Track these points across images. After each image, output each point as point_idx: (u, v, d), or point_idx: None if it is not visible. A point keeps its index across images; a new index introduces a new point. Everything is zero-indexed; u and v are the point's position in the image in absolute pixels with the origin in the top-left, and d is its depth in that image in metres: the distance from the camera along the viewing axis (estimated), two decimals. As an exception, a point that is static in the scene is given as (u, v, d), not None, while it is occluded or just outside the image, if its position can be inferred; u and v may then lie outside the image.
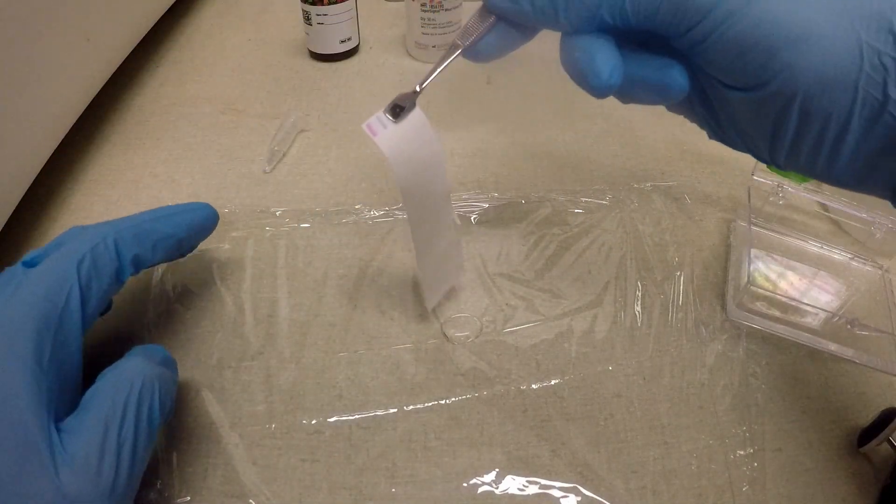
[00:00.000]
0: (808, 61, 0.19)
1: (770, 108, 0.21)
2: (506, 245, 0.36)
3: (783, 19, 0.19)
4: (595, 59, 0.21)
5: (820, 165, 0.21)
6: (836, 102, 0.19)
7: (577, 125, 0.45)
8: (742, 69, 0.20)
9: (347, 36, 0.50)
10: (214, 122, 0.45)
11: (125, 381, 0.23)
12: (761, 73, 0.20)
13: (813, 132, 0.20)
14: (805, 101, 0.19)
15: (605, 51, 0.22)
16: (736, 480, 0.27)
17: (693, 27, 0.20)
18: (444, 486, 0.26)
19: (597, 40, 0.22)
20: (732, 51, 0.20)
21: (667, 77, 0.22)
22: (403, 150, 0.24)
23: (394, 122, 0.24)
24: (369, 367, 0.30)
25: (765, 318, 0.33)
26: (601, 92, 0.22)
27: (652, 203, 0.39)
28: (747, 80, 0.20)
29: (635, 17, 0.21)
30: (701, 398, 0.30)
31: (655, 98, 0.23)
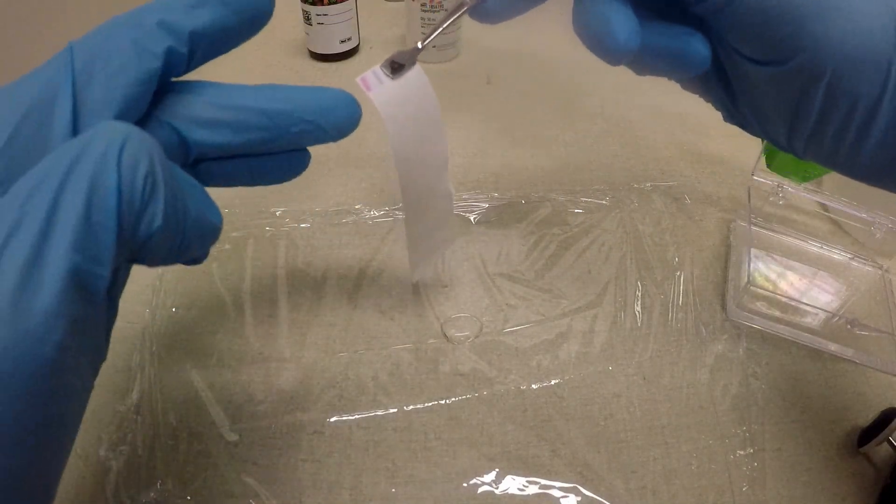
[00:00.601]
0: (839, 36, 0.17)
1: (793, 87, 0.19)
2: (506, 245, 0.36)
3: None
4: (611, 20, 0.20)
5: (842, 154, 0.20)
6: (867, 83, 0.17)
7: (577, 125, 0.45)
8: (766, 40, 0.18)
9: (347, 36, 0.50)
10: (214, 122, 0.45)
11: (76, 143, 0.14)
12: (786, 46, 0.18)
13: (838, 116, 0.19)
14: (832, 80, 0.18)
15: (622, 13, 0.20)
16: (736, 480, 0.27)
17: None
18: (444, 486, 0.26)
19: (612, 2, 0.20)
20: (757, 18, 0.18)
21: (688, 46, 0.21)
22: (400, 109, 0.23)
23: (391, 78, 0.22)
24: (369, 367, 0.30)
25: (765, 318, 0.33)
26: (617, 56, 0.20)
27: (652, 203, 0.39)
28: (771, 53, 0.19)
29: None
30: (701, 398, 0.30)
31: (674, 68, 0.22)
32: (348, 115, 0.22)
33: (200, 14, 0.18)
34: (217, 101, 0.19)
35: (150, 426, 0.28)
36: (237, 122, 0.19)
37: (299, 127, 0.21)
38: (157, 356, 0.30)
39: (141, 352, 0.30)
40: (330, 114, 0.22)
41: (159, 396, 0.29)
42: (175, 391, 0.29)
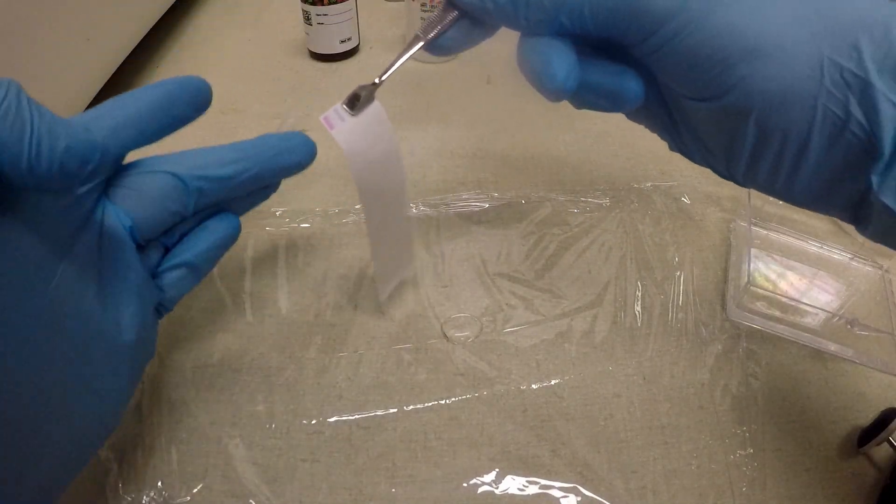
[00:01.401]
0: (764, 75, 0.18)
1: (727, 122, 0.20)
2: (506, 245, 0.36)
3: (740, 31, 0.18)
4: (551, 61, 0.21)
5: (779, 184, 0.21)
6: (795, 119, 0.19)
7: (577, 125, 0.45)
8: (697, 80, 0.20)
9: (347, 36, 0.50)
10: (214, 122, 0.45)
11: None
12: (716, 85, 0.19)
13: (771, 149, 0.20)
14: (761, 117, 0.19)
15: (562, 54, 0.21)
16: (736, 480, 0.27)
17: (649, 36, 0.20)
18: (444, 486, 0.26)
19: (554, 43, 0.22)
20: (688, 61, 0.19)
21: (622, 84, 0.22)
22: (360, 144, 0.24)
23: (351, 114, 0.24)
24: (369, 367, 0.30)
25: (765, 318, 0.33)
26: (556, 95, 0.22)
27: (652, 203, 0.39)
28: (703, 92, 0.20)
29: (594, 23, 0.21)
30: (701, 398, 0.30)
31: (610, 105, 0.23)
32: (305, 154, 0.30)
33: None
34: (200, 151, 0.28)
35: (150, 426, 0.28)
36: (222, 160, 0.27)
37: (266, 160, 0.27)
38: (157, 356, 0.30)
39: (141, 352, 0.30)
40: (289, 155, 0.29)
41: (159, 396, 0.29)
42: (175, 391, 0.29)
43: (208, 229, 0.26)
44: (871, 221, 0.20)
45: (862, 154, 0.18)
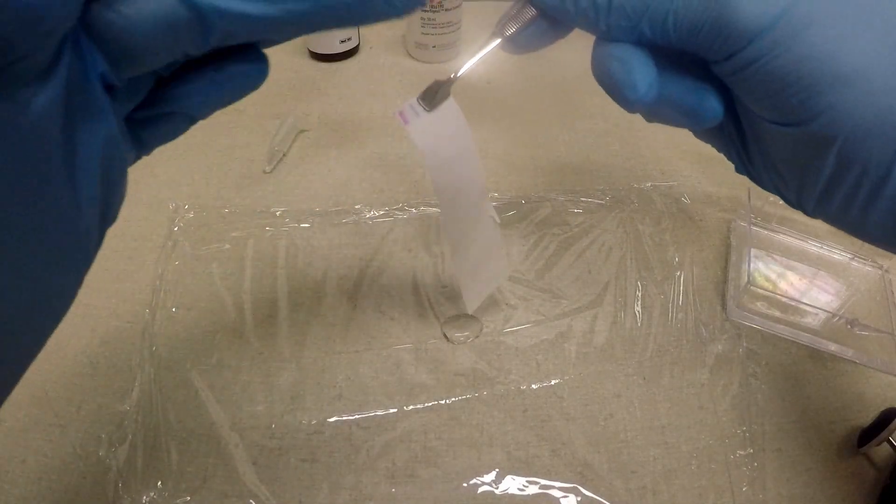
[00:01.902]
0: (853, 104, 0.18)
1: (806, 149, 0.19)
2: (506, 245, 0.36)
3: (831, 56, 0.17)
4: (633, 70, 0.20)
5: (852, 216, 0.20)
6: (879, 150, 0.18)
7: (577, 125, 0.45)
8: (781, 104, 0.19)
9: (347, 36, 0.50)
10: (214, 122, 0.45)
11: None
12: (801, 111, 0.19)
13: (849, 180, 0.19)
14: (844, 146, 0.18)
15: (644, 64, 0.21)
16: (736, 480, 0.27)
17: (735, 53, 0.19)
18: (444, 486, 0.26)
19: (635, 51, 0.21)
20: (774, 84, 0.19)
21: (702, 101, 0.21)
22: (436, 141, 0.23)
23: (427, 110, 0.23)
24: (369, 367, 0.30)
25: (765, 318, 0.33)
26: (634, 106, 0.21)
27: (652, 203, 0.39)
28: (786, 116, 0.19)
29: (676, 35, 0.20)
30: (701, 398, 0.30)
31: (686, 121, 0.22)
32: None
33: None
34: None
35: (150, 426, 0.28)
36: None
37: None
38: (157, 356, 0.30)
39: (141, 352, 0.30)
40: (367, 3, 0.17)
41: (159, 396, 0.29)
42: (175, 391, 0.29)
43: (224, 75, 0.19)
44: None
45: None
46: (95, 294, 0.33)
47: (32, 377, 0.29)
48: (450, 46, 0.52)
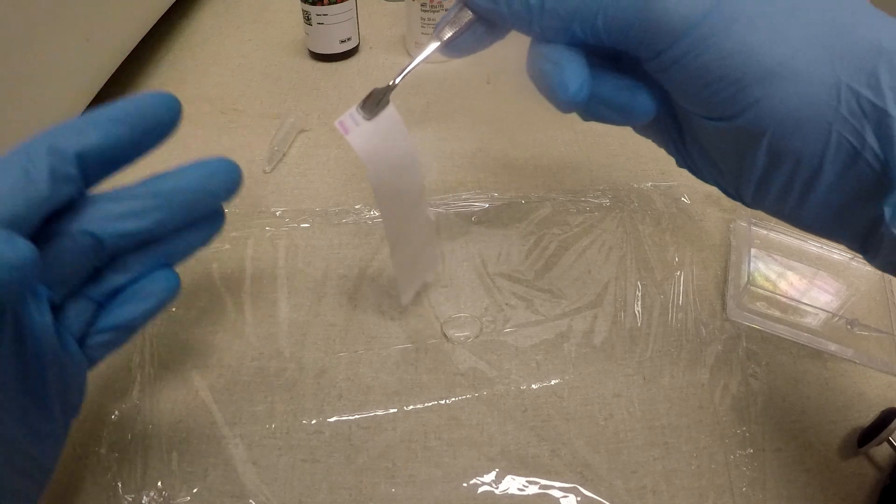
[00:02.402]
0: (779, 99, 0.18)
1: (738, 143, 0.20)
2: (506, 245, 0.36)
3: (757, 52, 0.18)
4: (564, 71, 0.21)
5: (788, 208, 0.20)
6: (808, 144, 0.18)
7: (577, 125, 0.45)
8: (709, 99, 0.19)
9: (347, 36, 0.50)
10: (214, 122, 0.45)
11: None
12: (729, 106, 0.19)
13: (782, 173, 0.19)
14: (774, 140, 0.19)
15: (575, 65, 0.21)
16: (736, 480, 0.27)
17: (663, 51, 0.19)
18: (444, 486, 0.26)
19: (567, 52, 0.21)
20: (701, 79, 0.19)
21: (634, 99, 0.22)
22: (376, 148, 0.24)
23: (366, 118, 0.24)
24: (369, 367, 0.30)
25: (765, 318, 0.33)
26: (567, 106, 0.22)
27: (652, 203, 0.39)
28: (715, 111, 0.20)
29: (607, 35, 0.20)
30: (701, 398, 0.30)
31: (620, 119, 0.23)
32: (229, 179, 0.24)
33: (89, 135, 0.19)
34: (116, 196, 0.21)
35: (150, 426, 0.28)
36: (138, 209, 0.21)
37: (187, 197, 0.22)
38: (157, 356, 0.30)
39: (141, 352, 0.30)
40: (213, 179, 0.23)
41: (159, 396, 0.29)
42: (175, 391, 0.29)
43: (142, 292, 0.23)
44: (879, 252, 0.19)
45: (875, 184, 0.18)
46: (95, 294, 0.33)
47: (32, 377, 0.29)
48: (450, 46, 0.51)
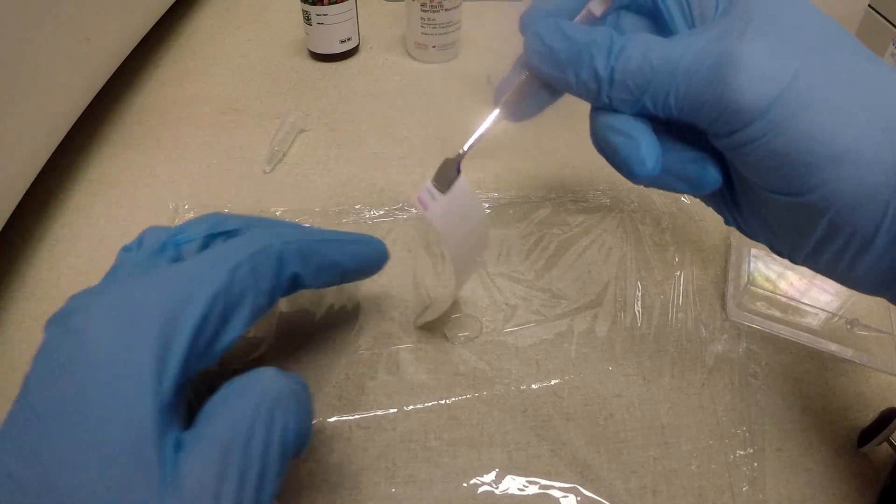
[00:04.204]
0: (845, 180, 0.18)
1: (799, 215, 0.20)
2: (506, 245, 0.36)
3: (827, 137, 0.18)
4: (639, 147, 0.21)
5: (838, 272, 0.21)
6: (866, 220, 0.19)
7: (577, 125, 0.45)
8: (779, 178, 0.20)
9: (347, 36, 0.50)
10: (214, 122, 0.45)
11: (254, 393, 0.20)
12: (797, 185, 0.19)
13: (838, 242, 0.20)
14: (836, 216, 0.19)
15: (649, 139, 0.21)
16: (736, 480, 0.27)
17: (736, 131, 0.19)
18: (444, 486, 0.26)
19: (637, 125, 0.21)
20: (772, 160, 0.19)
21: (702, 172, 0.22)
22: (453, 221, 0.25)
23: (442, 193, 0.25)
24: (369, 367, 0.30)
25: (765, 318, 0.33)
26: (640, 181, 0.22)
27: (652, 203, 0.39)
28: (782, 188, 0.20)
29: (678, 111, 0.20)
30: (701, 398, 0.30)
31: (686, 189, 0.23)
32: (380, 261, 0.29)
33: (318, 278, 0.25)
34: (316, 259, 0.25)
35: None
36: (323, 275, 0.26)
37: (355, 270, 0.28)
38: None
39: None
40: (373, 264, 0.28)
41: (159, 396, 0.29)
42: (175, 391, 0.29)
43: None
44: None
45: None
46: (95, 294, 0.33)
47: (32, 377, 0.29)
48: (449, 46, 0.52)
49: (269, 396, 0.20)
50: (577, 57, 0.21)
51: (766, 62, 0.18)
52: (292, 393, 0.21)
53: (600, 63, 0.21)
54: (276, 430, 0.19)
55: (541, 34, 0.22)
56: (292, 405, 0.20)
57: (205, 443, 0.18)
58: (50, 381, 0.19)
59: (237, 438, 0.18)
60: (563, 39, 0.22)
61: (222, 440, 0.18)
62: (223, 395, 0.20)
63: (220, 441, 0.18)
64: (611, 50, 0.21)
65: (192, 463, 0.18)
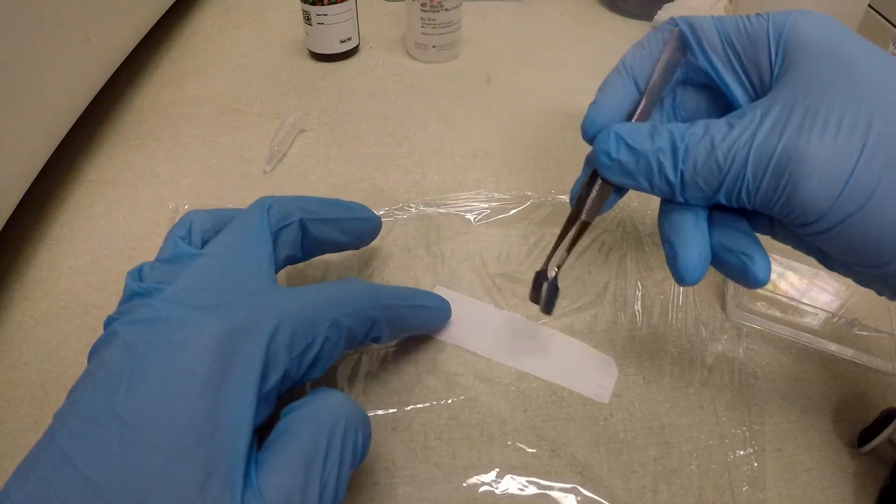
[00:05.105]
0: None
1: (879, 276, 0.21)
2: (506, 245, 0.36)
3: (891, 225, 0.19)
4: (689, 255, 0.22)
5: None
6: None
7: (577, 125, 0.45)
8: (857, 257, 0.21)
9: (347, 36, 0.50)
10: (214, 122, 0.45)
11: (328, 417, 0.22)
12: (872, 262, 0.21)
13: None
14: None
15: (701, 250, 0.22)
16: (736, 480, 0.27)
17: (808, 224, 0.20)
18: (444, 486, 0.26)
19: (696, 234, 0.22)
20: (843, 246, 0.20)
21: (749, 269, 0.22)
22: None
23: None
24: (369, 367, 0.30)
25: (765, 318, 0.33)
26: (684, 283, 0.23)
27: (652, 203, 0.39)
28: (862, 263, 0.21)
29: (751, 206, 0.21)
30: (701, 398, 0.30)
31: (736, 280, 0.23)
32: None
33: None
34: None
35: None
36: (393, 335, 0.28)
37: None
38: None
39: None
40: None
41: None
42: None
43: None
44: None
45: None
46: (95, 294, 0.33)
47: (32, 377, 0.29)
48: (449, 46, 0.52)
49: (343, 418, 0.22)
50: (646, 168, 0.23)
51: (826, 159, 0.19)
52: (361, 416, 0.23)
53: (669, 170, 0.22)
54: (349, 448, 0.21)
55: (606, 150, 0.24)
56: (361, 426, 0.22)
57: (287, 459, 0.20)
58: (142, 391, 0.18)
59: (318, 457, 0.20)
60: (628, 152, 0.23)
61: (305, 457, 0.20)
62: (298, 416, 0.22)
63: (303, 458, 0.20)
64: (675, 154, 0.22)
65: (278, 478, 0.19)
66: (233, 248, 0.24)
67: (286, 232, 0.26)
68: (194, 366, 0.19)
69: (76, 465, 0.17)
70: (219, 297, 0.21)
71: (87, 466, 0.17)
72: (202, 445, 0.18)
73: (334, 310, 0.24)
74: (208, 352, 0.19)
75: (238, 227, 0.24)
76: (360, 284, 0.26)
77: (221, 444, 0.19)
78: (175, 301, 0.21)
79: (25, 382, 0.29)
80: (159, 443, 0.18)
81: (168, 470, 0.18)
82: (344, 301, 0.24)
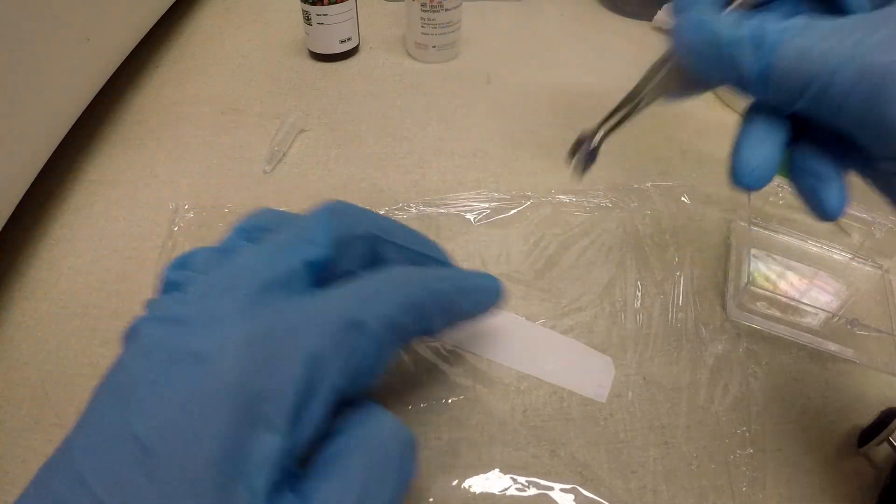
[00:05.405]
0: None
1: None
2: (506, 245, 0.36)
3: None
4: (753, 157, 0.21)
5: None
6: None
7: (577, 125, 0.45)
8: None
9: (347, 36, 0.50)
10: (214, 122, 0.45)
11: (380, 445, 0.19)
12: None
13: None
14: None
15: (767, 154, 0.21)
16: (736, 480, 0.27)
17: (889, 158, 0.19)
18: (444, 485, 0.26)
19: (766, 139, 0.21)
20: None
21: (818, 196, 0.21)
22: None
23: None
24: (369, 367, 0.30)
25: (765, 318, 0.33)
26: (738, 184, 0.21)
27: (652, 203, 0.39)
28: None
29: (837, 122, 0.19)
30: (701, 398, 0.30)
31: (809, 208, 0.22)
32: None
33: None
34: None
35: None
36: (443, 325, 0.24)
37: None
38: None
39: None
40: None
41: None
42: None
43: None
44: None
45: None
46: (95, 294, 0.33)
47: (32, 377, 0.29)
48: (449, 46, 0.52)
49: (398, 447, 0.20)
50: (728, 57, 0.20)
51: None
52: (410, 441, 0.21)
53: (745, 65, 0.20)
54: (403, 480, 0.20)
55: (684, 28, 0.21)
56: (411, 453, 0.20)
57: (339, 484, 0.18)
58: (159, 410, 0.16)
59: (371, 485, 0.18)
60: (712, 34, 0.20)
61: (360, 484, 0.18)
62: (346, 440, 0.19)
63: (358, 485, 0.18)
64: (760, 48, 0.19)
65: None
66: (280, 245, 0.21)
67: (353, 244, 0.22)
68: (217, 386, 0.17)
69: (92, 490, 0.16)
70: (252, 297, 0.19)
71: (103, 492, 0.16)
72: (222, 489, 0.16)
73: (381, 304, 0.20)
74: (236, 363, 0.17)
75: (294, 223, 0.22)
76: (404, 272, 0.23)
77: (245, 486, 0.16)
78: (205, 296, 0.19)
79: (25, 382, 0.29)
80: (179, 482, 0.16)
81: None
82: (390, 294, 0.21)
